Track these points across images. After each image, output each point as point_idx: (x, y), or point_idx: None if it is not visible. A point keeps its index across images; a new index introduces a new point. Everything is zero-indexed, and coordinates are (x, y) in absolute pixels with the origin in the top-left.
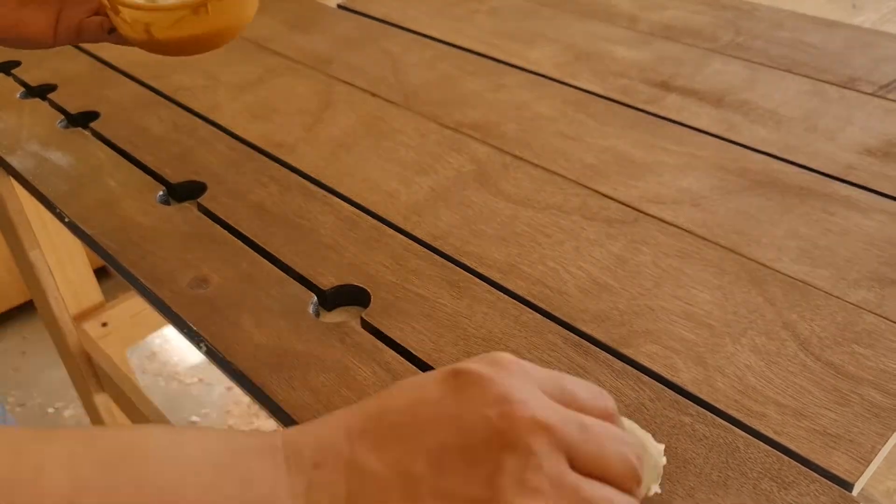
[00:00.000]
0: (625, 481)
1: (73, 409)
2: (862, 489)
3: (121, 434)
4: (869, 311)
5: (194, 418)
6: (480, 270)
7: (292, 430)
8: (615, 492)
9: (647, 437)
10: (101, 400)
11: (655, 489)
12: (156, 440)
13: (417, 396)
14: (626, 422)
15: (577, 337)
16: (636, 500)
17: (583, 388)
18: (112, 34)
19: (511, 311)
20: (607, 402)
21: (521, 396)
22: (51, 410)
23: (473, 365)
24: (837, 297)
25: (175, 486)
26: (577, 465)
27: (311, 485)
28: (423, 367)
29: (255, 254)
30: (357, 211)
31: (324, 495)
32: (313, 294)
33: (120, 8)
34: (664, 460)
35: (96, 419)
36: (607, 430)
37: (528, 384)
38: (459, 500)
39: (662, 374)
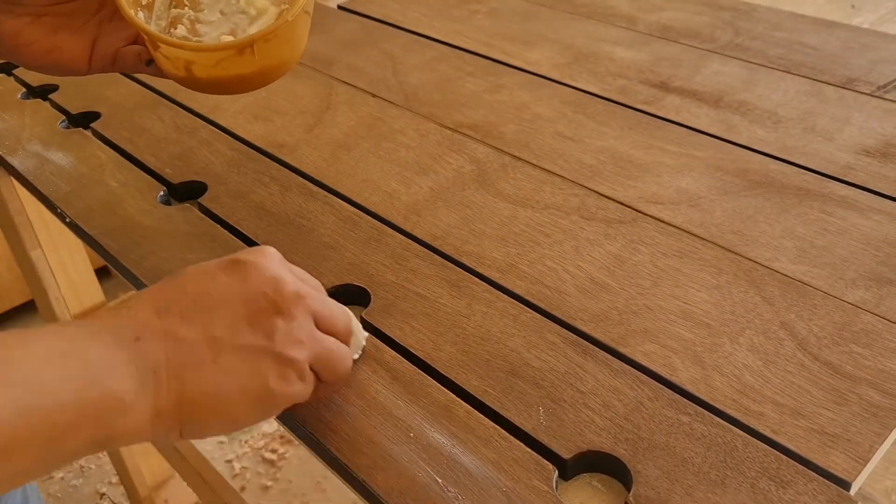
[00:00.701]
0: (344, 337)
1: None
2: (860, 488)
3: None
4: (867, 311)
5: None
6: (480, 270)
7: (106, 316)
8: (339, 343)
9: (355, 320)
10: None
11: (357, 356)
12: (4, 341)
13: (209, 280)
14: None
15: (575, 336)
16: (349, 354)
17: (309, 276)
18: (150, 66)
19: (510, 311)
20: (322, 289)
21: (286, 277)
22: None
23: (249, 256)
24: (835, 297)
25: (35, 375)
26: (318, 325)
27: (137, 354)
28: (423, 366)
29: None
30: (357, 211)
31: (148, 361)
32: None
33: (160, 45)
34: (364, 336)
35: None
36: (333, 302)
37: (287, 269)
38: (249, 351)
39: (661, 374)
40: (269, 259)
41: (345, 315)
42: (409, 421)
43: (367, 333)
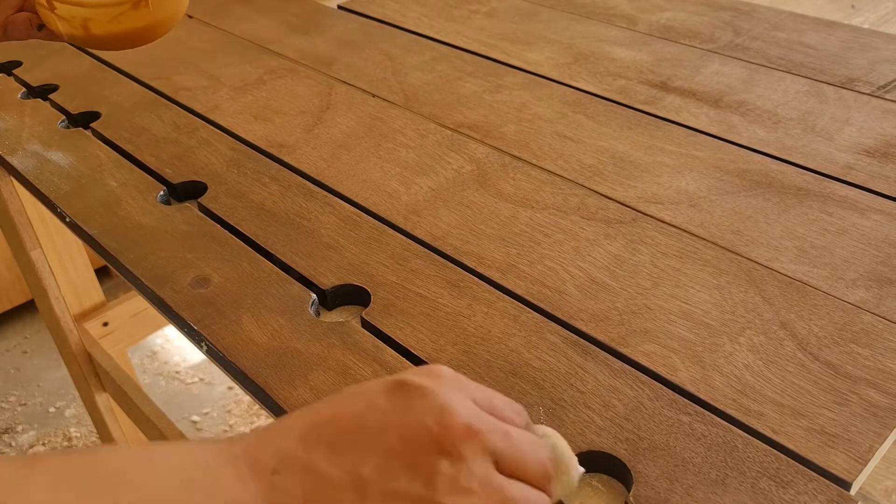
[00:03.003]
0: (539, 480)
1: (74, 409)
2: (860, 488)
3: (95, 459)
4: (867, 311)
5: (195, 418)
6: (480, 270)
7: (249, 438)
8: (531, 489)
9: (571, 456)
10: (102, 399)
11: (571, 492)
12: (128, 462)
13: (366, 405)
14: (552, 433)
15: (575, 336)
16: (548, 497)
17: (506, 404)
18: (42, 30)
19: (510, 311)
20: (525, 416)
21: (457, 407)
22: (52, 410)
23: (416, 378)
24: (835, 297)
25: None
26: (501, 468)
27: (271, 489)
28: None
29: (256, 254)
30: (357, 211)
31: (283, 497)
32: (313, 294)
33: (56, 4)
34: (580, 473)
35: (97, 419)
36: (526, 437)
37: (463, 395)
38: (402, 499)
39: (661, 374)
40: (441, 381)
41: (541, 450)
42: None
43: (582, 469)
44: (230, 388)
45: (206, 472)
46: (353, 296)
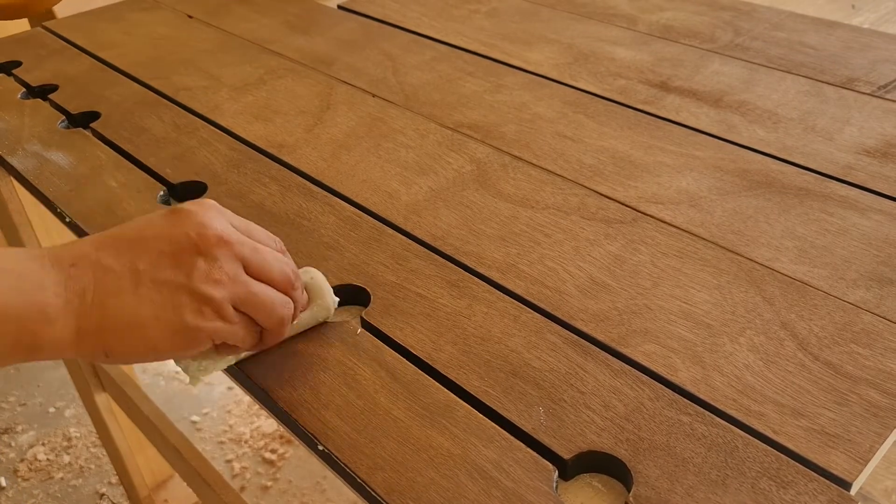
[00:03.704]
0: (283, 286)
1: (73, 409)
2: (860, 488)
3: None
4: (867, 311)
5: (195, 418)
6: (480, 270)
7: (55, 248)
8: (275, 291)
9: (327, 286)
10: (102, 399)
11: (325, 317)
12: None
13: (146, 223)
14: (313, 270)
15: (575, 336)
16: (292, 301)
17: (264, 232)
18: None
19: (510, 311)
20: (280, 245)
21: (214, 223)
22: (52, 410)
23: (186, 205)
24: (836, 297)
25: None
26: (248, 272)
27: (68, 277)
28: (423, 366)
29: None
30: (357, 211)
31: (77, 284)
32: None
33: None
34: (335, 301)
35: (97, 419)
36: (273, 254)
37: (222, 218)
38: (167, 286)
39: (661, 374)
40: (205, 208)
41: (285, 267)
42: (409, 421)
43: (337, 299)
44: (230, 388)
45: (17, 263)
46: (353, 296)
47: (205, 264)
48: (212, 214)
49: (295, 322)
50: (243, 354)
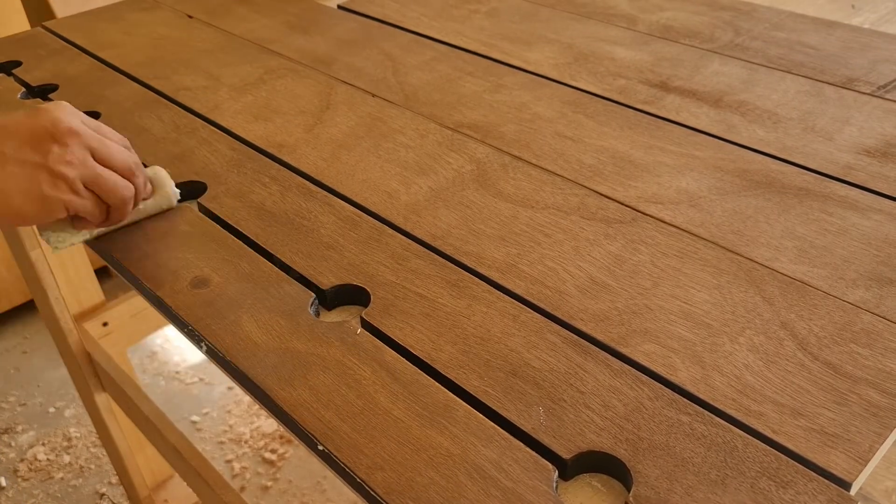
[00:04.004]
0: (125, 173)
1: (73, 409)
2: (860, 488)
3: None
4: (867, 311)
5: (195, 418)
6: (480, 270)
7: None
8: (119, 176)
9: (169, 180)
10: (102, 399)
11: (170, 206)
12: None
13: (8, 119)
14: (158, 167)
15: (575, 336)
16: (133, 187)
17: (112, 130)
18: None
19: (510, 311)
20: (126, 142)
21: (66, 118)
22: (52, 410)
23: (46, 105)
24: (835, 297)
25: None
26: (95, 158)
27: None
28: (423, 366)
29: (256, 254)
30: (357, 211)
31: None
32: (313, 294)
33: None
34: (176, 192)
35: (97, 419)
36: (116, 147)
37: (73, 114)
38: (28, 164)
39: (661, 374)
40: (60, 108)
41: (127, 157)
42: (409, 421)
43: (178, 191)
44: (230, 388)
45: None
46: (352, 296)
47: (58, 149)
48: (65, 111)
49: (140, 206)
50: (96, 231)
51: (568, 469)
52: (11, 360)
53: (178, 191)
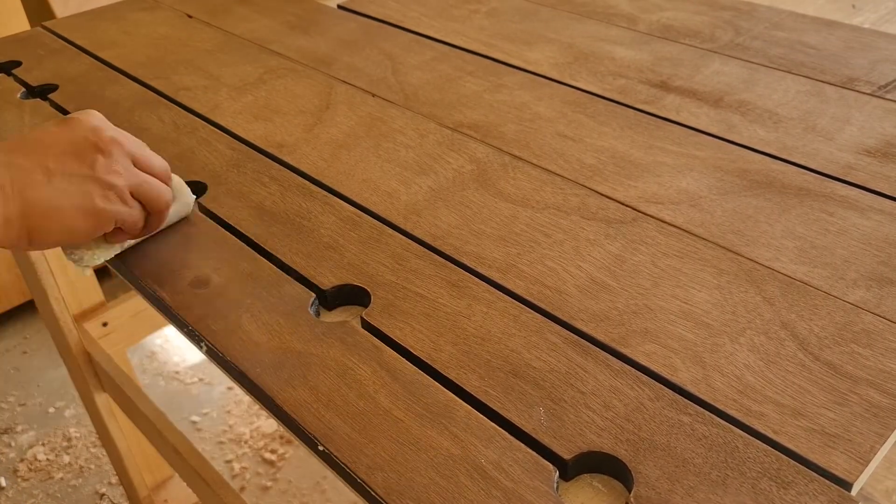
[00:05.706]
0: (163, 177)
1: (73, 409)
2: (861, 489)
3: None
4: (867, 311)
5: (195, 418)
6: (480, 270)
7: None
8: (158, 181)
9: (185, 185)
10: (102, 399)
11: (188, 213)
12: None
13: (42, 132)
14: (174, 175)
15: (575, 336)
16: (168, 190)
17: (137, 140)
18: None
19: (510, 311)
20: (147, 147)
21: (105, 127)
22: (51, 410)
23: (76, 114)
24: (836, 297)
25: None
26: (136, 166)
27: None
28: (423, 366)
29: (256, 254)
30: (357, 211)
31: None
32: (313, 294)
33: None
34: (193, 199)
35: (97, 419)
36: (152, 153)
37: (107, 122)
38: (76, 177)
39: (661, 374)
40: (92, 115)
41: (164, 163)
42: (409, 421)
43: (194, 196)
44: (230, 388)
45: None
46: (352, 296)
47: (104, 159)
48: (99, 118)
49: None
50: (127, 244)
51: (569, 469)
52: (11, 360)
53: (194, 197)
